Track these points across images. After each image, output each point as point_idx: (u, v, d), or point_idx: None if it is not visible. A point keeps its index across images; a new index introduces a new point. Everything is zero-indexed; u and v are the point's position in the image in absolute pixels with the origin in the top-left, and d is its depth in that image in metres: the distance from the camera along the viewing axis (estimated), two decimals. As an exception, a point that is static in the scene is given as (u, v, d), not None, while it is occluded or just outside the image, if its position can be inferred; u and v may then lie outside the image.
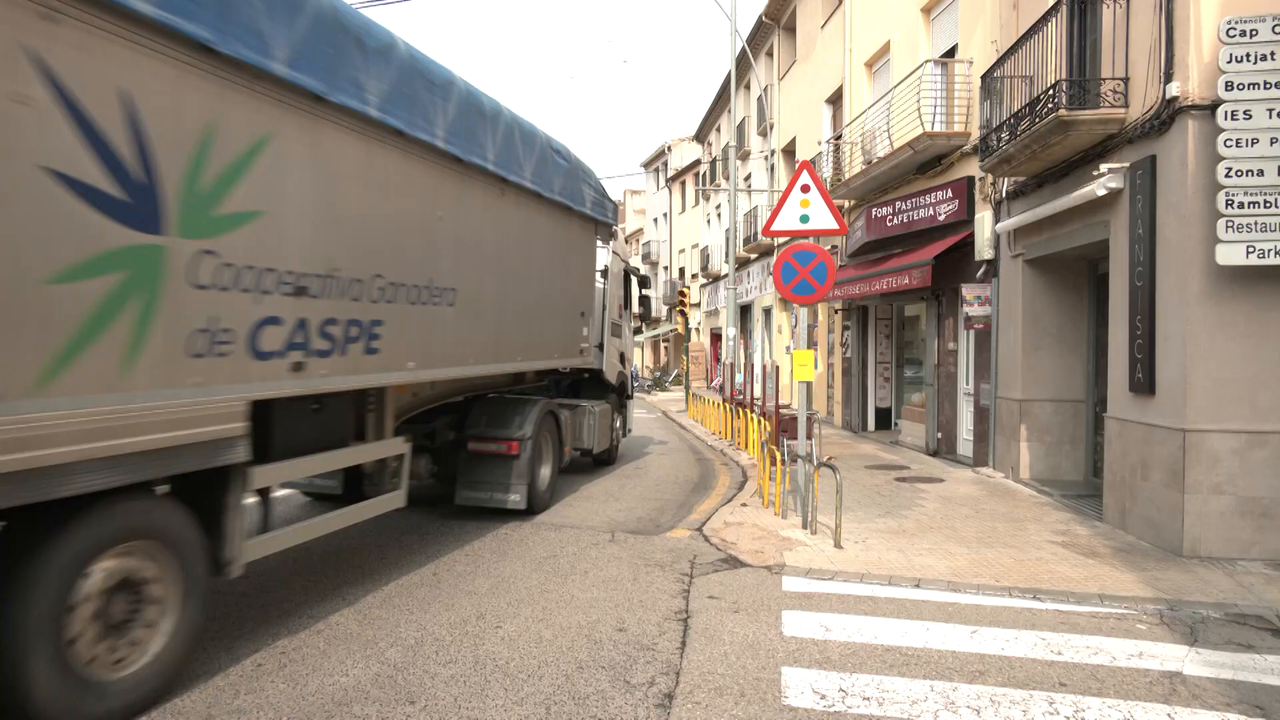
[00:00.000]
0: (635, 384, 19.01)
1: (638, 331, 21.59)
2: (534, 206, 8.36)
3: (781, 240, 20.05)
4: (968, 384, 12.29)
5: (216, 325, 4.29)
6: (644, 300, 14.01)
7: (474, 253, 7.17)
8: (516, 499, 8.29)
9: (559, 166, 8.80)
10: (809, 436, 8.52)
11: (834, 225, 8.37)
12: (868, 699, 4.29)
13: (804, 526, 8.07)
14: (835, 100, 18.25)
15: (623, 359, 12.91)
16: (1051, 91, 8.26)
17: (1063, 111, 8.01)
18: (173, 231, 3.99)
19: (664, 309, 44.91)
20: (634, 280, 13.58)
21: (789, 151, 22.27)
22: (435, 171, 6.48)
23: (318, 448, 5.55)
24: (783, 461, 9.10)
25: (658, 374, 40.42)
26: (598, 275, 11.21)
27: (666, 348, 46.33)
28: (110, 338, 3.70)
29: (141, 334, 3.85)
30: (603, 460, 12.31)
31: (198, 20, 4.01)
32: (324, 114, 5.09)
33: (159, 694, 4.16)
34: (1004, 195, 10.82)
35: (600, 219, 10.36)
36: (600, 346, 11.41)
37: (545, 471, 9.03)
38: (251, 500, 4.89)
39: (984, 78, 10.14)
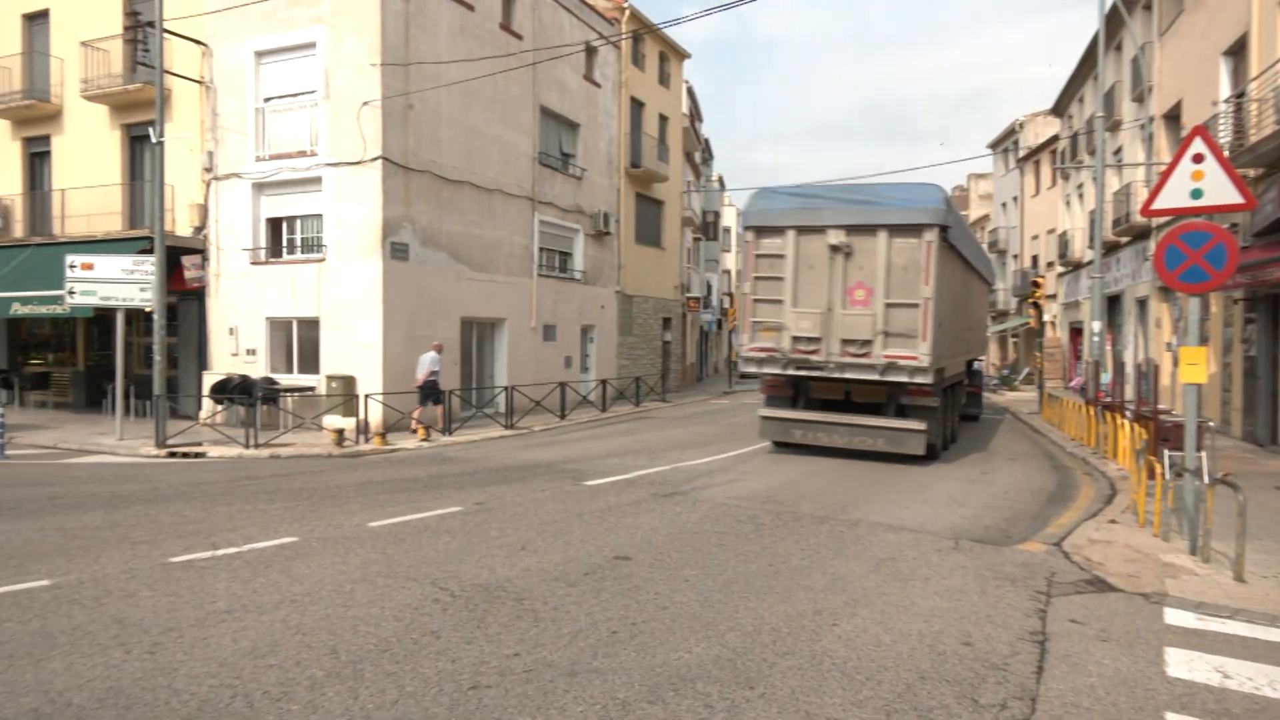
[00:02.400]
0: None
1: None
2: (981, 281, 18.87)
3: (1161, 221, 17.40)
4: None
5: (951, 339, 13.53)
6: None
7: (967, 304, 16.30)
8: (977, 412, 19.70)
9: (988, 261, 20.42)
10: (1199, 448, 7.30)
11: (1237, 199, 7.06)
12: (1284, 765, 3.58)
13: (1192, 552, 6.95)
14: (1236, 51, 15.42)
15: None
16: None
17: None
18: (943, 304, 12.70)
19: (1013, 301, 41.34)
20: None
21: (1171, 117, 19.27)
22: (973, 276, 16.75)
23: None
24: (1164, 475, 7.90)
25: (1005, 371, 37.17)
26: None
27: (1015, 343, 42.61)
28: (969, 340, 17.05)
29: (961, 338, 15.71)
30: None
31: (978, 264, 17.83)
32: (969, 271, 16.31)
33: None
34: None
35: (991, 281, 21.45)
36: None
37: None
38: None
39: None
